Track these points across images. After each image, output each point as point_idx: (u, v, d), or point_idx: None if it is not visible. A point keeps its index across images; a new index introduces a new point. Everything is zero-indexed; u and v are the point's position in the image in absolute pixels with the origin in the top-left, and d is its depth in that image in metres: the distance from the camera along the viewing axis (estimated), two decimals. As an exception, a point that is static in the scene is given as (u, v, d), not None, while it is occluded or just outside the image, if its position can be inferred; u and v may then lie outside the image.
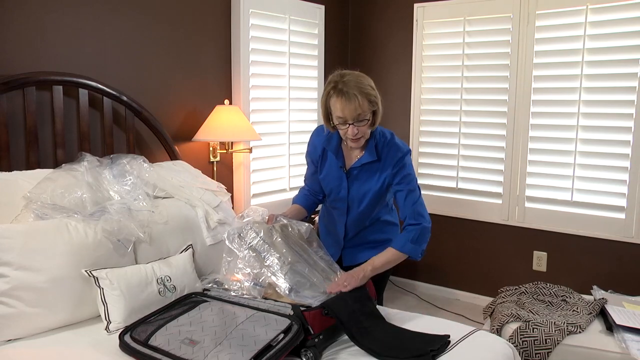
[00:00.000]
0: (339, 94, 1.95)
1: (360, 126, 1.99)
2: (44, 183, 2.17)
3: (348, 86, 1.95)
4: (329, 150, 2.19)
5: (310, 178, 2.34)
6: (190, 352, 1.65)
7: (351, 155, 2.17)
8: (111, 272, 2.03)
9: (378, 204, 2.20)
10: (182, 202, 2.50)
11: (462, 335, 1.94)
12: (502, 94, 3.62)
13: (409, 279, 4.19)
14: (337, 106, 1.97)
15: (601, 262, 3.40)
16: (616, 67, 3.21)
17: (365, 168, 2.13)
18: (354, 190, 2.17)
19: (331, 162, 2.20)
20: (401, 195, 2.09)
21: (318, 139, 2.23)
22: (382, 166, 2.10)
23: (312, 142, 2.27)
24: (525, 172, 3.57)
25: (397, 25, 4.02)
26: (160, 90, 3.00)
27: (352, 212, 2.22)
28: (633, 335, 2.27)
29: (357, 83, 1.96)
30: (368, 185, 2.13)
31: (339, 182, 2.19)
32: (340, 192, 2.20)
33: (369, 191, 2.14)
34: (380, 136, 2.12)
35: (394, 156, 2.09)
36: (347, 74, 2.00)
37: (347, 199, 2.20)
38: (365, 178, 2.14)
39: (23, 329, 1.90)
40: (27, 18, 2.42)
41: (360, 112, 1.96)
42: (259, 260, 1.98)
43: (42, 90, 2.46)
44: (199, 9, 3.16)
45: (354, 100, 1.93)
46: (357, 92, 1.94)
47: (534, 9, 3.44)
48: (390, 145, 2.11)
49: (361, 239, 2.26)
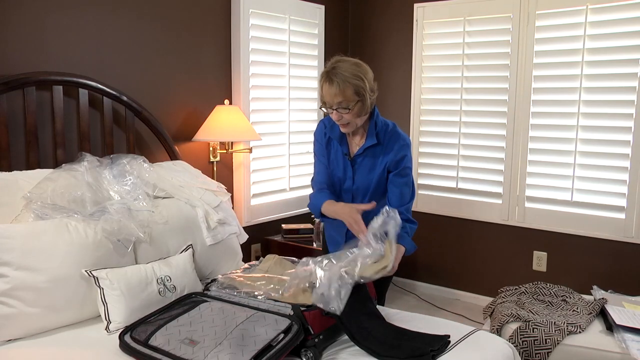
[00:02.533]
0: (326, 79, 2.01)
1: (344, 113, 2.02)
2: (44, 183, 2.17)
3: (335, 73, 1.99)
4: (333, 139, 2.21)
5: (319, 173, 2.27)
6: (190, 352, 1.65)
7: (354, 141, 2.20)
8: (111, 272, 2.03)
9: (382, 195, 2.21)
10: (182, 202, 2.50)
11: (462, 335, 1.94)
12: (502, 94, 3.62)
13: (409, 279, 4.19)
14: (323, 90, 2.04)
15: (601, 262, 3.40)
16: (616, 67, 3.21)
17: (368, 154, 2.15)
18: (358, 178, 2.18)
19: (336, 150, 2.21)
20: (396, 187, 2.13)
21: (320, 132, 2.26)
22: (384, 150, 2.13)
23: (316, 136, 2.29)
24: (525, 172, 3.57)
25: (397, 25, 4.02)
26: (160, 91, 3.00)
27: (356, 202, 2.22)
28: (633, 335, 2.27)
29: (346, 71, 1.99)
30: (373, 173, 2.15)
31: (344, 172, 2.21)
32: (345, 182, 2.22)
33: (372, 179, 2.16)
34: (382, 124, 2.16)
35: (395, 142, 2.12)
36: (342, 60, 2.04)
37: (352, 189, 2.21)
38: (370, 166, 2.16)
39: (23, 329, 1.90)
40: (27, 18, 2.42)
41: (342, 100, 1.99)
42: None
43: (42, 90, 2.46)
44: (199, 9, 3.16)
45: (335, 87, 1.97)
46: (340, 80, 1.97)
47: (534, 9, 3.44)
48: (392, 132, 2.15)
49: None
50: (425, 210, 4.01)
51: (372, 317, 1.92)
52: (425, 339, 1.84)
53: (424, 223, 4.04)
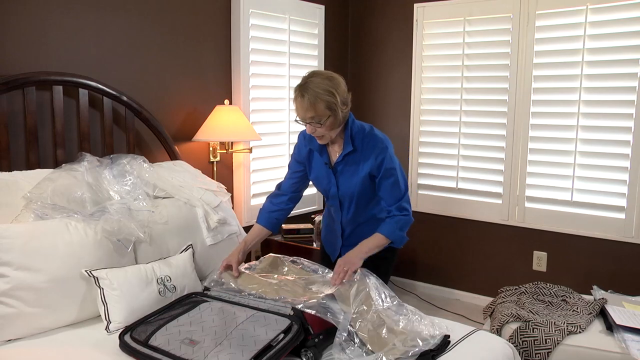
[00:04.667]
0: (298, 94, 2.04)
1: (317, 127, 2.06)
2: (44, 183, 2.17)
3: (306, 88, 2.02)
4: (314, 150, 2.26)
5: (290, 176, 2.36)
6: (190, 352, 1.65)
7: (333, 150, 2.23)
8: (111, 272, 2.03)
9: (369, 199, 2.25)
10: (182, 202, 2.50)
11: (462, 335, 1.94)
12: (502, 94, 3.62)
13: (409, 279, 4.19)
14: (295, 105, 2.07)
15: (601, 262, 3.40)
16: (616, 67, 3.21)
17: (347, 161, 2.19)
18: (342, 185, 2.22)
19: (317, 161, 2.27)
20: (385, 188, 2.15)
21: (302, 142, 2.30)
22: (363, 157, 2.15)
23: (297, 145, 2.34)
24: (525, 172, 3.57)
25: (397, 25, 4.02)
26: (160, 90, 3.00)
27: (345, 208, 2.28)
28: (633, 335, 2.27)
29: (317, 86, 2.02)
30: (354, 179, 2.18)
31: (328, 179, 2.25)
32: (330, 189, 2.26)
33: (356, 184, 2.18)
34: (358, 129, 2.17)
35: (373, 147, 2.14)
36: (315, 74, 2.07)
37: (338, 195, 2.25)
38: (351, 172, 2.19)
39: (23, 329, 1.90)
40: (27, 18, 2.42)
41: (314, 115, 2.03)
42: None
43: (42, 90, 2.46)
44: (199, 9, 3.16)
45: (306, 102, 2.01)
46: (312, 96, 2.00)
47: (534, 9, 3.44)
48: (370, 136, 2.16)
49: (358, 236, 2.29)
50: (425, 210, 4.01)
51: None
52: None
53: (424, 223, 4.05)
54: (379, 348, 1.76)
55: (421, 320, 1.90)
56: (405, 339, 1.78)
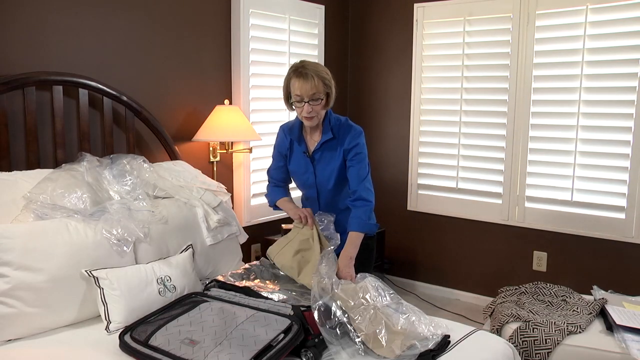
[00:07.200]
0: (298, 75, 2.22)
1: (315, 105, 2.23)
2: (44, 183, 2.17)
3: (306, 69, 2.23)
4: (294, 141, 2.39)
5: (274, 170, 2.50)
6: (190, 352, 1.65)
7: (312, 139, 2.38)
8: (111, 272, 2.03)
9: (344, 188, 2.37)
10: (182, 202, 2.50)
11: (462, 335, 1.94)
12: (502, 94, 3.62)
13: (409, 279, 4.19)
14: (296, 85, 2.22)
15: (601, 262, 3.40)
16: (616, 67, 3.21)
17: (325, 147, 2.34)
18: (319, 172, 2.36)
19: (297, 151, 2.40)
20: (353, 170, 2.30)
21: (283, 135, 2.44)
22: (340, 142, 2.33)
23: (279, 136, 2.46)
24: (525, 172, 3.57)
25: (397, 25, 4.02)
26: (160, 90, 3.00)
27: (322, 196, 2.40)
28: (633, 335, 2.27)
29: (314, 67, 2.24)
30: (332, 164, 2.33)
31: (306, 168, 2.38)
32: (308, 179, 2.39)
33: (333, 170, 2.33)
34: (336, 120, 2.36)
35: (348, 133, 2.32)
36: (306, 61, 2.29)
37: (315, 183, 2.37)
38: (328, 158, 2.34)
39: (23, 329, 1.90)
40: (27, 18, 2.42)
41: (315, 92, 2.21)
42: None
43: (42, 90, 2.46)
44: (199, 9, 3.16)
45: (310, 80, 2.20)
46: (313, 74, 2.21)
47: (534, 9, 3.44)
48: (346, 125, 2.35)
49: (337, 226, 2.35)
50: (425, 210, 4.01)
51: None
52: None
53: (424, 223, 4.05)
54: (379, 348, 1.76)
55: (421, 320, 1.90)
56: (405, 339, 1.78)
